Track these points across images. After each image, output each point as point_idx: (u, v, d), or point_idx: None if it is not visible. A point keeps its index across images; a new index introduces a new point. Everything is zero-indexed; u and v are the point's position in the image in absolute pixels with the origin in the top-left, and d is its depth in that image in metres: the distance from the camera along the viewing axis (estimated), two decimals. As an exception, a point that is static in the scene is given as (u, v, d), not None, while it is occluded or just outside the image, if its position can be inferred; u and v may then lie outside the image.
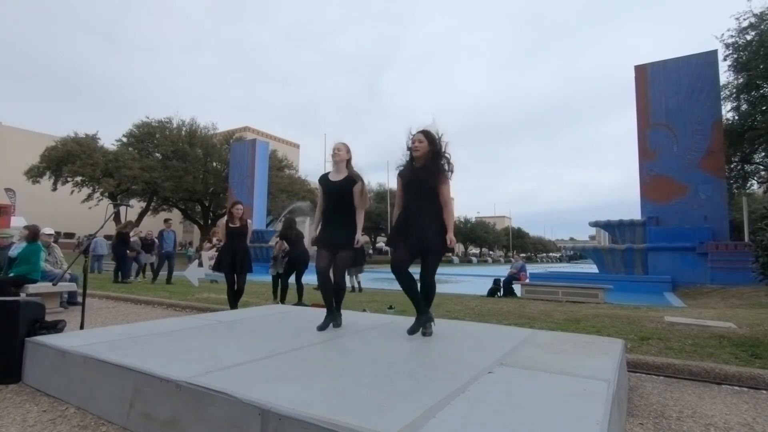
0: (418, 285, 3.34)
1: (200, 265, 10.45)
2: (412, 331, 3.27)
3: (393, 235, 3.36)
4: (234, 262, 5.65)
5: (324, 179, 3.63)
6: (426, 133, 3.28)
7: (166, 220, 11.84)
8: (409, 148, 3.34)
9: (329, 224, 3.53)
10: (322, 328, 3.46)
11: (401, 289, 3.33)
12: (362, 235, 3.59)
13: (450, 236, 3.16)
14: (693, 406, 2.68)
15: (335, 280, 3.56)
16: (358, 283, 10.39)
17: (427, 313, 3.33)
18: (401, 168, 3.43)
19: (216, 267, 5.97)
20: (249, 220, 6.03)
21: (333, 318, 3.57)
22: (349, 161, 3.60)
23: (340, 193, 3.49)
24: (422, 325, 3.29)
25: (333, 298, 3.58)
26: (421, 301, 3.32)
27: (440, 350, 2.88)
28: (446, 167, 3.32)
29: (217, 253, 7.74)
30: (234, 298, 5.80)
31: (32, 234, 6.16)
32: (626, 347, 3.37)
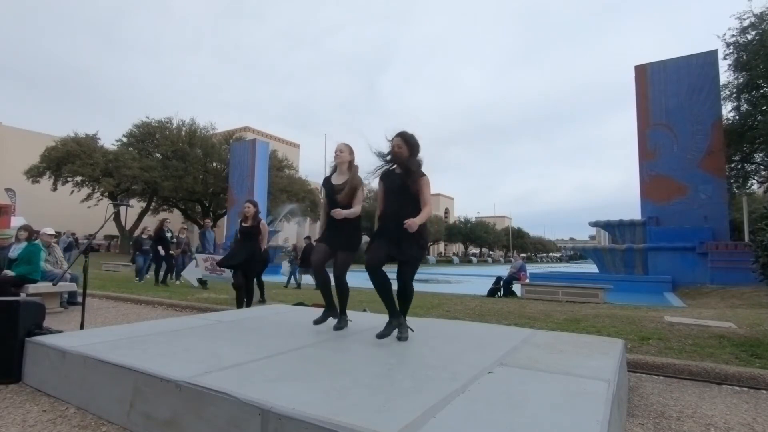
0: (394, 287, 3.24)
1: (196, 266, 10.43)
2: (381, 336, 3.10)
3: (374, 240, 3.28)
4: (242, 263, 5.64)
5: (326, 182, 3.60)
6: (404, 138, 3.21)
7: (207, 220, 11.61)
8: (389, 153, 3.27)
9: (330, 227, 3.51)
10: (318, 321, 3.48)
11: (374, 289, 3.18)
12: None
13: (411, 221, 2.88)
14: (693, 406, 2.68)
15: (335, 281, 3.52)
16: (298, 281, 11.70)
17: (398, 317, 3.21)
18: (383, 171, 3.34)
19: (228, 267, 6.00)
20: (263, 221, 5.93)
21: (332, 313, 3.58)
22: (351, 162, 3.55)
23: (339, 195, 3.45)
24: (394, 329, 3.18)
25: (333, 295, 3.59)
26: (395, 304, 3.23)
27: (440, 350, 2.87)
28: (421, 168, 3.22)
29: (211, 258, 7.78)
30: (242, 299, 5.79)
31: (31, 234, 6.17)
32: (626, 347, 3.37)
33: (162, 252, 10.13)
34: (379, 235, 3.23)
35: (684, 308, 8.38)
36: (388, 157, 3.30)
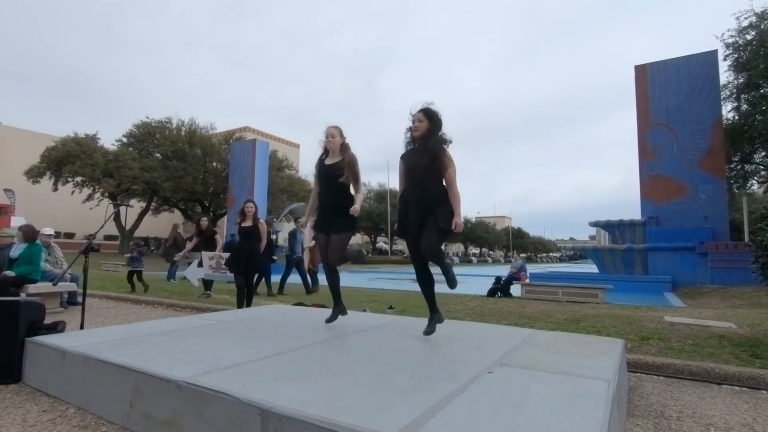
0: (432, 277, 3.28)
1: (200, 265, 10.34)
2: (426, 333, 3.19)
3: (401, 223, 3.23)
4: (241, 263, 5.65)
5: (319, 163, 3.56)
6: (426, 112, 3.13)
7: (297, 219, 10.52)
8: (409, 128, 3.20)
9: (324, 210, 3.47)
10: (330, 320, 3.55)
11: (418, 284, 3.28)
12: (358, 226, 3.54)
13: (457, 220, 2.98)
14: (693, 406, 2.68)
15: (328, 265, 3.48)
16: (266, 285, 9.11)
17: (437, 311, 3.29)
18: (404, 151, 3.29)
19: (227, 266, 6.00)
20: (263, 220, 5.91)
21: (340, 310, 3.61)
22: (343, 143, 3.53)
23: (334, 175, 3.39)
24: (436, 323, 3.25)
25: (338, 289, 3.60)
26: (434, 301, 3.29)
27: (440, 350, 2.88)
28: (447, 146, 3.14)
29: (217, 255, 7.76)
30: (242, 299, 5.79)
31: (31, 234, 6.16)
32: (626, 347, 3.37)
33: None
34: (404, 218, 3.19)
35: (684, 308, 8.37)
36: (408, 134, 3.23)
